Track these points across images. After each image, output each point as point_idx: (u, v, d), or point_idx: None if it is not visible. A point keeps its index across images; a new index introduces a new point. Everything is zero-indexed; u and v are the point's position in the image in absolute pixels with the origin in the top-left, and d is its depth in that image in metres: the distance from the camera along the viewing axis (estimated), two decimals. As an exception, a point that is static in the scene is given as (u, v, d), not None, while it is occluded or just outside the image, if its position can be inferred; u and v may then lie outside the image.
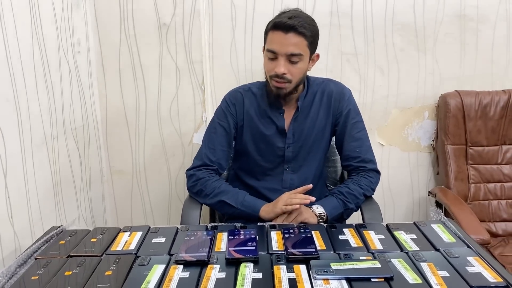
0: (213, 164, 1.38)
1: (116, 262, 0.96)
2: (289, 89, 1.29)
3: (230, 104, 1.41)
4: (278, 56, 1.25)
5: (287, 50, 1.23)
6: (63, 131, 1.50)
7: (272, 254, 0.98)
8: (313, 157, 1.40)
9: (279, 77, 1.26)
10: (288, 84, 1.28)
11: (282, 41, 1.23)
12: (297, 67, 1.26)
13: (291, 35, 1.22)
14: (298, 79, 1.29)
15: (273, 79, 1.28)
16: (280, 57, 1.24)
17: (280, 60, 1.24)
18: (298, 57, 1.25)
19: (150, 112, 1.82)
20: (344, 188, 1.33)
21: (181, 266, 0.93)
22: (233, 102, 1.42)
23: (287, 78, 1.26)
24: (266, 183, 1.41)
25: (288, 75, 1.26)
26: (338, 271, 0.88)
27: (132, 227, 1.14)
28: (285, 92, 1.30)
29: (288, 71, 1.25)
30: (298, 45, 1.24)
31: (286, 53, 1.23)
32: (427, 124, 1.93)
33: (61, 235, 1.12)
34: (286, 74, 1.26)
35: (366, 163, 1.37)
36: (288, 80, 1.27)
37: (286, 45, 1.23)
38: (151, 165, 1.88)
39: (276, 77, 1.27)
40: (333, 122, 1.39)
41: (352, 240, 1.05)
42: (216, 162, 1.39)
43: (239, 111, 1.40)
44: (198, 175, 1.36)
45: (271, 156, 1.40)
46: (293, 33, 1.22)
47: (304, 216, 1.23)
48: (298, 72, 1.27)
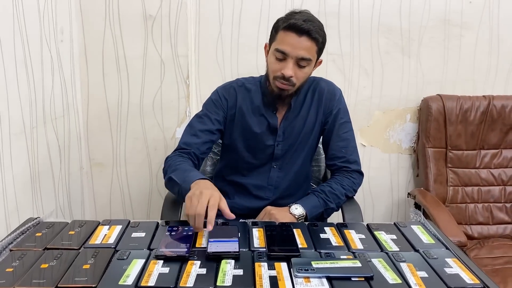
0: (189, 147, 1.33)
1: (94, 256, 0.94)
2: (291, 91, 1.29)
3: (222, 98, 1.39)
4: (288, 58, 1.23)
5: (298, 53, 1.22)
6: (43, 121, 1.47)
7: (254, 251, 0.98)
8: (299, 155, 1.40)
9: (285, 79, 1.25)
10: (292, 87, 1.27)
11: (295, 43, 1.21)
12: (304, 72, 1.26)
13: (304, 39, 1.21)
14: (302, 83, 1.29)
15: (278, 80, 1.26)
16: (290, 60, 1.23)
17: (289, 62, 1.23)
18: (307, 61, 1.24)
19: (133, 105, 1.80)
20: (326, 187, 1.34)
21: (161, 261, 0.92)
22: (225, 96, 1.39)
23: (292, 82, 1.25)
24: (252, 179, 1.41)
25: (294, 79, 1.25)
26: (319, 270, 0.88)
27: (111, 221, 1.12)
28: (287, 94, 1.29)
29: (295, 74, 1.24)
30: (309, 50, 1.22)
31: (297, 56, 1.22)
32: (409, 126, 1.96)
33: (38, 227, 1.09)
34: (292, 77, 1.24)
35: (350, 164, 1.38)
36: (292, 84, 1.26)
37: (298, 48, 1.21)
38: (132, 158, 1.86)
39: (282, 78, 1.25)
40: (322, 121, 1.39)
41: (333, 239, 1.05)
42: (194, 145, 1.33)
43: (231, 106, 1.39)
44: (169, 157, 1.32)
45: (260, 153, 1.39)
46: (307, 37, 1.21)
47: (276, 217, 1.23)
48: (303, 77, 1.27)
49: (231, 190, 1.44)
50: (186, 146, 1.34)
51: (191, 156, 1.32)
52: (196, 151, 1.33)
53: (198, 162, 1.34)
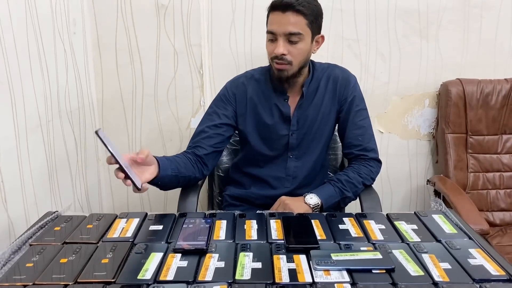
0: (194, 144, 1.32)
1: (112, 250, 0.94)
2: (291, 71, 1.26)
3: (231, 93, 1.38)
4: (277, 36, 1.22)
5: (286, 29, 1.20)
6: (58, 114, 1.47)
7: (272, 243, 0.97)
8: (317, 144, 1.38)
9: (279, 58, 1.23)
10: (289, 66, 1.24)
11: (280, 20, 1.20)
12: (298, 48, 1.23)
13: (289, 14, 1.19)
14: (300, 61, 1.26)
15: (274, 61, 1.25)
16: (279, 38, 1.22)
17: (279, 40, 1.22)
18: (298, 36, 1.21)
19: (147, 95, 1.79)
20: (342, 176, 1.31)
21: (179, 254, 0.92)
22: (233, 92, 1.38)
23: (287, 60, 1.23)
24: (270, 170, 1.39)
25: (288, 56, 1.23)
26: (339, 262, 0.87)
27: (128, 214, 1.12)
28: (287, 75, 1.26)
29: (288, 51, 1.22)
30: (297, 24, 1.20)
31: (284, 32, 1.20)
32: (428, 112, 1.91)
33: (57, 221, 1.10)
34: (286, 55, 1.22)
35: (367, 152, 1.35)
36: (288, 62, 1.24)
37: (284, 24, 1.20)
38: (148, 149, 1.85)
39: (276, 58, 1.24)
40: (337, 109, 1.36)
41: (353, 229, 1.03)
42: (201, 141, 1.31)
43: (241, 100, 1.37)
44: None
45: (275, 144, 1.37)
46: (291, 12, 1.19)
47: (291, 207, 1.21)
48: (299, 53, 1.24)
49: (248, 181, 1.43)
50: (192, 144, 1.34)
51: (192, 154, 1.30)
52: (203, 145, 1.32)
53: (200, 159, 1.31)
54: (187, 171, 1.26)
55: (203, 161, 1.31)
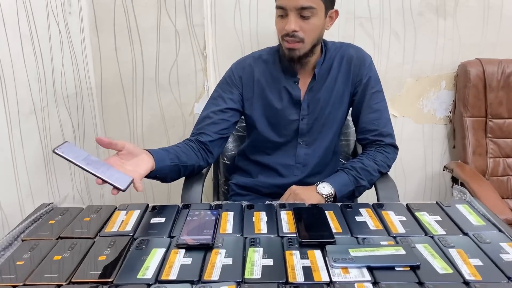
0: (198, 131, 1.25)
1: (110, 245, 0.87)
2: (304, 50, 1.16)
3: (237, 76, 1.29)
4: (288, 12, 1.12)
5: (297, 3, 1.10)
6: (54, 99, 1.39)
7: (283, 237, 0.89)
8: (328, 130, 1.29)
9: (290, 36, 1.13)
10: (301, 44, 1.15)
11: None
12: (310, 23, 1.13)
13: None
14: (313, 38, 1.16)
15: (285, 39, 1.15)
16: (290, 13, 1.12)
17: (290, 16, 1.12)
18: (310, 10, 1.12)
19: (148, 79, 1.70)
20: (357, 163, 1.23)
21: (182, 250, 0.84)
22: (239, 74, 1.29)
23: (299, 37, 1.13)
24: (278, 158, 1.31)
25: (300, 33, 1.13)
26: (358, 259, 0.79)
27: (129, 205, 1.05)
28: (299, 55, 1.17)
29: (300, 28, 1.13)
30: None
31: (295, 6, 1.11)
32: (444, 94, 1.81)
33: (52, 213, 1.02)
34: (297, 32, 1.13)
35: (383, 137, 1.26)
36: (300, 39, 1.14)
37: None
38: (150, 136, 1.78)
39: (287, 36, 1.14)
40: (351, 91, 1.27)
41: (371, 222, 0.95)
42: (205, 128, 1.24)
43: (247, 83, 1.28)
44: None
45: (284, 130, 1.28)
46: None
47: (302, 197, 1.13)
48: (312, 29, 1.14)
49: (255, 169, 1.35)
50: (196, 130, 1.26)
51: (195, 141, 1.23)
52: (207, 132, 1.24)
53: (204, 147, 1.23)
54: (188, 159, 1.18)
55: (207, 148, 1.23)
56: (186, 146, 1.20)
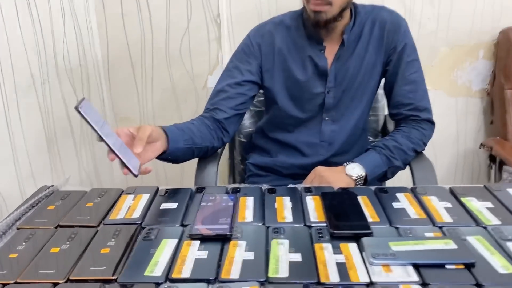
0: (212, 106, 1.13)
1: (115, 236, 0.76)
2: (331, 14, 1.02)
3: (255, 44, 1.15)
4: None
5: None
6: (56, 73, 1.28)
7: (311, 227, 0.78)
8: (357, 104, 1.16)
9: None
10: (329, 6, 1.00)
11: None
12: None
13: None
14: (342, 1, 1.02)
15: (310, 1, 1.01)
16: None
17: None
18: None
19: (158, 50, 1.58)
20: (390, 141, 1.10)
21: (197, 241, 0.73)
22: (258, 42, 1.15)
23: None
24: (301, 135, 1.18)
25: None
26: (401, 254, 0.67)
27: (136, 189, 0.94)
28: (326, 18, 1.02)
29: None
30: None
31: None
32: (482, 64, 1.66)
33: (52, 197, 0.93)
34: None
35: (420, 112, 1.13)
36: (328, 1, 1.00)
37: None
38: (161, 112, 1.67)
39: None
40: (384, 60, 1.13)
41: (411, 209, 0.83)
42: (220, 103, 1.12)
43: (267, 52, 1.14)
44: None
45: (307, 104, 1.15)
46: None
47: (329, 180, 1.00)
48: None
49: (275, 148, 1.23)
50: (210, 106, 1.14)
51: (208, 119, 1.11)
52: (222, 107, 1.12)
53: (219, 124, 1.12)
54: (203, 141, 1.06)
55: (223, 126, 1.11)
56: (201, 125, 1.09)
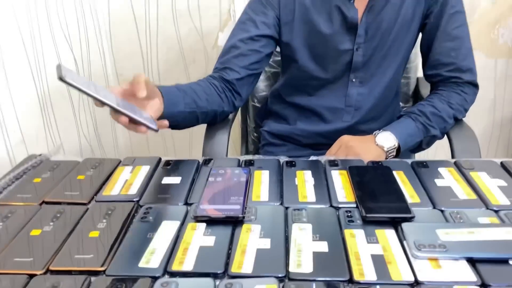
0: (222, 65, 0.99)
1: (107, 215, 0.65)
2: None
3: None
4: None
5: None
6: (48, 27, 1.14)
7: (338, 208, 0.65)
8: (391, 63, 1.00)
9: None
10: None
11: None
12: None
13: None
14: None
15: None
16: None
17: None
18: None
19: (163, 3, 1.42)
20: (427, 107, 0.95)
21: (202, 224, 0.62)
22: None
23: None
24: (324, 99, 1.04)
25: None
26: (452, 246, 0.55)
27: (135, 159, 0.82)
28: None
29: None
30: None
31: None
32: (527, 22, 1.47)
33: (39, 168, 0.81)
34: None
35: (462, 73, 0.97)
36: None
37: None
38: (167, 73, 1.53)
39: None
40: (424, 12, 0.97)
41: (458, 187, 0.70)
42: (231, 62, 0.98)
43: (286, 1, 0.98)
44: None
45: (332, 62, 1.00)
46: None
47: (357, 151, 0.88)
48: None
49: (293, 114, 1.09)
50: (220, 65, 1.00)
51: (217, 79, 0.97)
52: (234, 66, 0.97)
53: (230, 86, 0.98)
54: (209, 104, 0.93)
55: (234, 88, 0.98)
56: (208, 85, 0.95)
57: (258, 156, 0.83)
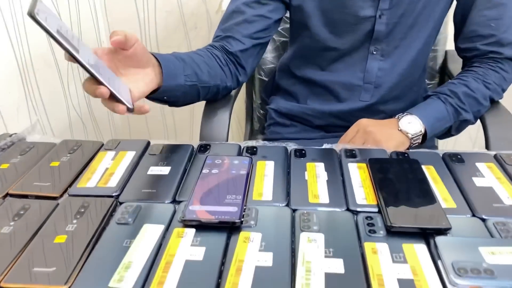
0: (224, 33, 0.86)
1: (79, 214, 0.54)
2: None
3: None
4: None
5: None
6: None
7: (357, 212, 0.54)
8: (418, 33, 0.86)
9: None
10: None
11: None
12: None
13: None
14: None
15: None
16: None
17: None
18: None
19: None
20: (459, 87, 0.82)
21: (191, 230, 0.51)
22: None
23: None
24: (337, 74, 0.91)
25: None
26: (502, 271, 0.44)
27: (120, 143, 0.71)
28: None
29: None
30: None
31: None
32: None
33: (9, 151, 0.70)
34: None
35: (502, 47, 0.83)
36: None
37: None
38: (166, 40, 1.39)
39: None
40: None
41: (501, 189, 0.58)
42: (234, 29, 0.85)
43: None
44: None
45: (350, 32, 0.86)
46: None
47: (377, 137, 0.76)
48: None
49: (304, 90, 0.96)
50: (221, 32, 0.86)
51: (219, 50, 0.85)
52: (237, 35, 0.84)
53: (234, 59, 0.85)
54: (212, 78, 0.81)
55: (237, 61, 0.85)
56: (209, 56, 0.82)
57: (262, 143, 0.72)
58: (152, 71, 0.67)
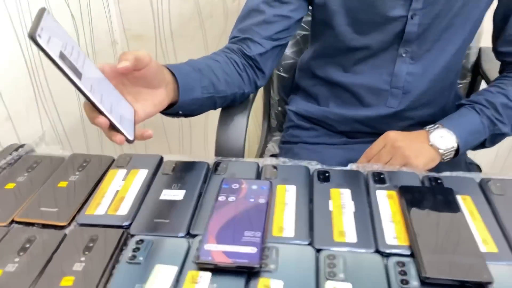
0: (243, 34, 0.79)
1: (88, 249, 0.51)
2: None
3: None
4: None
5: None
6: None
7: (387, 255, 0.49)
8: (453, 37, 0.78)
9: None
10: None
11: None
12: None
13: None
14: None
15: None
16: None
17: None
18: None
19: None
20: (497, 96, 0.75)
21: (207, 274, 0.47)
22: None
23: None
24: (362, 77, 0.83)
25: None
26: None
27: (132, 159, 0.67)
28: None
29: None
30: None
31: None
32: None
33: (17, 166, 0.67)
34: None
35: (547, 53, 0.76)
36: None
37: None
38: (180, 30, 1.33)
39: None
40: None
41: (549, 229, 0.53)
42: (252, 30, 0.78)
43: None
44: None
45: (377, 32, 0.78)
46: None
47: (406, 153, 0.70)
48: None
49: (325, 92, 0.90)
50: (239, 33, 0.80)
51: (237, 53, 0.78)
52: (256, 37, 0.78)
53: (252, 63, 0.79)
54: (229, 87, 0.75)
55: (256, 65, 0.79)
56: (227, 62, 0.76)
57: (282, 161, 0.67)
58: (163, 92, 0.61)
